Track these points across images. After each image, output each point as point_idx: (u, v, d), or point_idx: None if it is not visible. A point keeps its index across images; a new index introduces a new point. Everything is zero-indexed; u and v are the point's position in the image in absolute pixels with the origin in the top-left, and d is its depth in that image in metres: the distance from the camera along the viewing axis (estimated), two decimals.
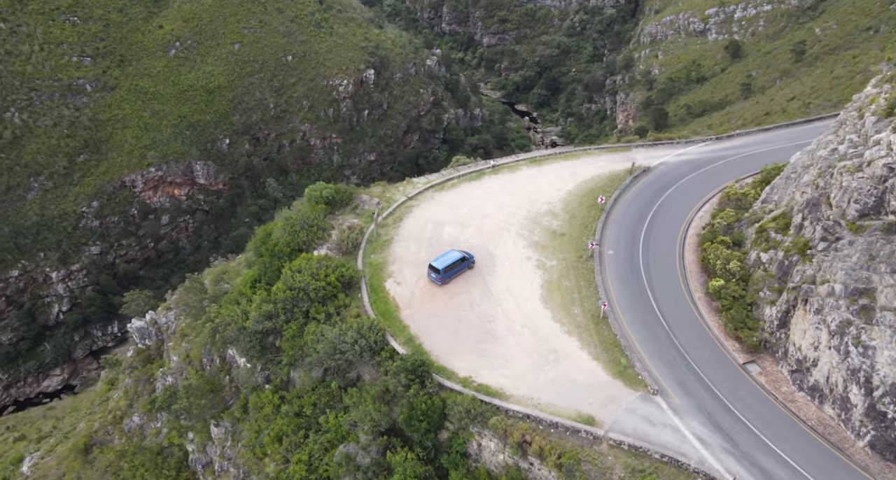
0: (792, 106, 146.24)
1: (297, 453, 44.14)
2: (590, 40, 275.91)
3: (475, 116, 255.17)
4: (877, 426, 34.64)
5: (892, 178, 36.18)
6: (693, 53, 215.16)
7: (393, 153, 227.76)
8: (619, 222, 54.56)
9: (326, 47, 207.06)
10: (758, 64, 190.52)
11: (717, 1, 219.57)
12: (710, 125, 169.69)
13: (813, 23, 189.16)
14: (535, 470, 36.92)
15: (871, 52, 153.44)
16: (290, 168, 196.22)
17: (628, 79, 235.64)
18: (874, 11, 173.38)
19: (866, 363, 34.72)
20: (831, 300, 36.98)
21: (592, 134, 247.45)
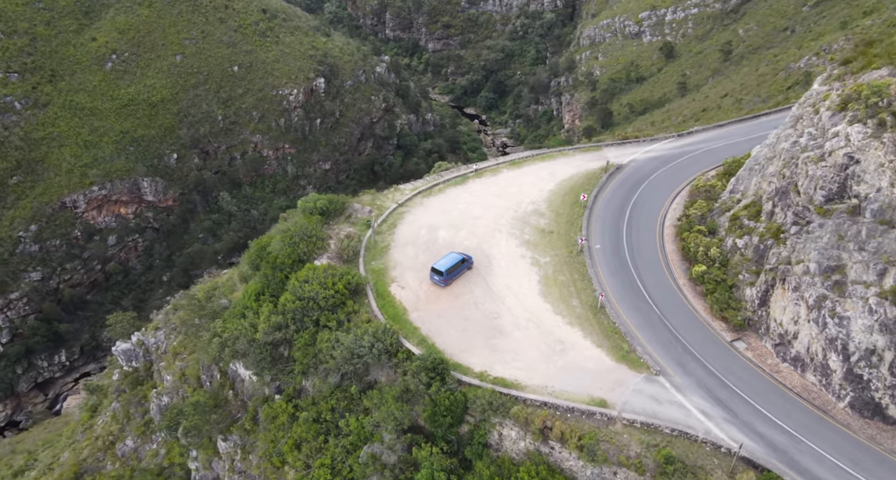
0: (726, 102, 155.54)
1: (319, 458, 45.23)
2: (532, 44, 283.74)
3: (427, 121, 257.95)
4: (854, 387, 38.96)
5: (852, 166, 40.74)
6: (630, 55, 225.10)
7: (348, 161, 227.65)
8: (602, 218, 58.08)
9: (273, 57, 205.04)
10: (690, 63, 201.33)
11: (648, 5, 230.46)
12: (652, 122, 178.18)
13: (736, 24, 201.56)
14: (555, 454, 39.48)
15: (789, 50, 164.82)
16: (242, 180, 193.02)
17: (572, 80, 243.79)
18: (789, 13, 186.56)
19: (842, 332, 39.01)
20: (807, 278, 41.25)
21: (541, 134, 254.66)
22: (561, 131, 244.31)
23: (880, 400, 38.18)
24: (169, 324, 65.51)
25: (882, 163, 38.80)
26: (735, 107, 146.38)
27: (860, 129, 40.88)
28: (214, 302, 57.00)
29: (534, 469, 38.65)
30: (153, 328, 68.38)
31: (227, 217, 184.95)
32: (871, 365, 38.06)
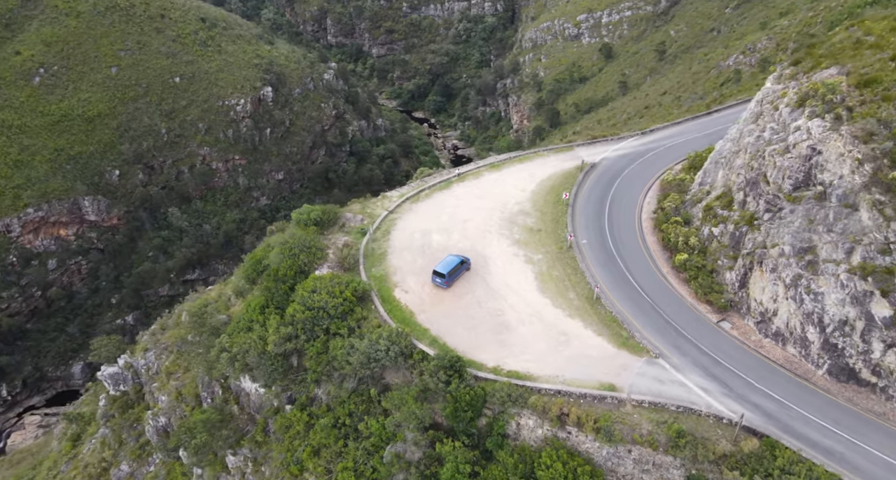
0: (666, 99, 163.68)
1: (341, 462, 46.38)
2: (476, 47, 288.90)
3: (378, 127, 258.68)
4: (831, 356, 43.43)
5: (815, 156, 45.33)
6: (572, 56, 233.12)
7: (301, 170, 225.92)
8: (584, 214, 61.47)
9: (217, 66, 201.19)
10: (629, 63, 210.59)
11: (585, 7, 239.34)
12: (599, 120, 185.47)
13: (667, 26, 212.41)
14: (572, 438, 42.21)
15: (717, 49, 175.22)
16: (192, 195, 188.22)
17: (517, 82, 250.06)
18: (714, 15, 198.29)
19: (818, 306, 43.43)
20: (783, 259, 45.59)
21: (490, 136, 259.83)
22: (510, 131, 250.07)
23: (854, 366, 42.72)
24: (159, 344, 64.75)
25: (842, 153, 43.44)
26: (675, 104, 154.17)
27: (820, 123, 45.54)
28: (211, 318, 56.96)
29: (554, 453, 41.16)
30: (142, 349, 67.34)
31: (177, 233, 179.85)
32: (845, 335, 42.56)
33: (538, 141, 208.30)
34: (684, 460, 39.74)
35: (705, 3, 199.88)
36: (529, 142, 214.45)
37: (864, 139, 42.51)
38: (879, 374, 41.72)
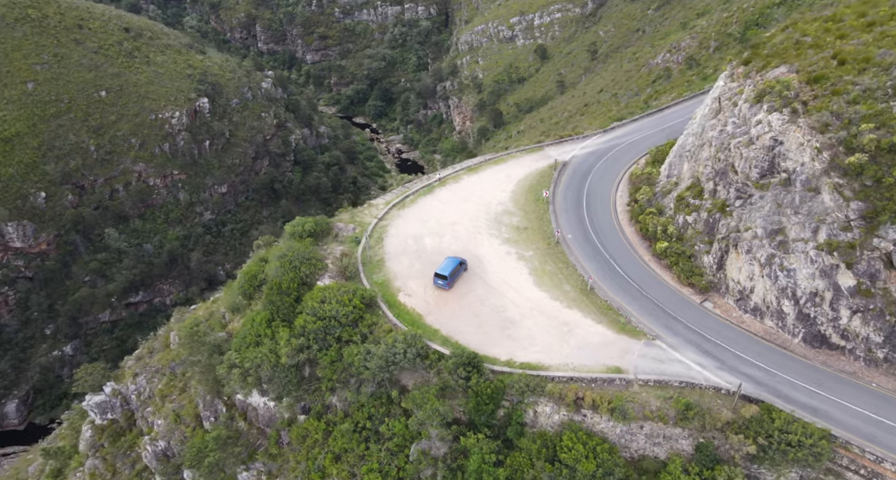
0: (603, 97, 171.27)
1: (365, 464, 47.64)
2: (413, 51, 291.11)
3: (321, 134, 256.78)
4: (805, 325, 48.47)
5: (777, 147, 50.33)
6: (508, 57, 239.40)
7: (245, 182, 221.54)
8: (565, 210, 64.96)
9: (146, 78, 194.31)
10: (564, 63, 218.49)
11: (517, 10, 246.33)
12: (541, 119, 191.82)
13: (596, 27, 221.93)
14: (587, 420, 45.27)
15: (644, 48, 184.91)
16: (129, 214, 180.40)
17: (457, 84, 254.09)
18: (638, 16, 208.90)
19: (791, 281, 48.37)
20: (756, 241, 50.37)
21: (434, 138, 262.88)
22: (453, 133, 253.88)
23: (825, 332, 47.86)
24: (149, 368, 63.50)
25: (802, 143, 48.53)
26: (613, 101, 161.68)
27: (779, 117, 50.60)
28: (209, 336, 56.64)
29: (574, 436, 44.09)
30: (130, 375, 65.70)
31: (116, 255, 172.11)
32: (816, 305, 47.64)
33: (483, 141, 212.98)
34: (692, 430, 43.59)
35: (629, 5, 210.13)
36: (475, 142, 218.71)
37: (820, 129, 47.70)
38: (847, 338, 46.98)
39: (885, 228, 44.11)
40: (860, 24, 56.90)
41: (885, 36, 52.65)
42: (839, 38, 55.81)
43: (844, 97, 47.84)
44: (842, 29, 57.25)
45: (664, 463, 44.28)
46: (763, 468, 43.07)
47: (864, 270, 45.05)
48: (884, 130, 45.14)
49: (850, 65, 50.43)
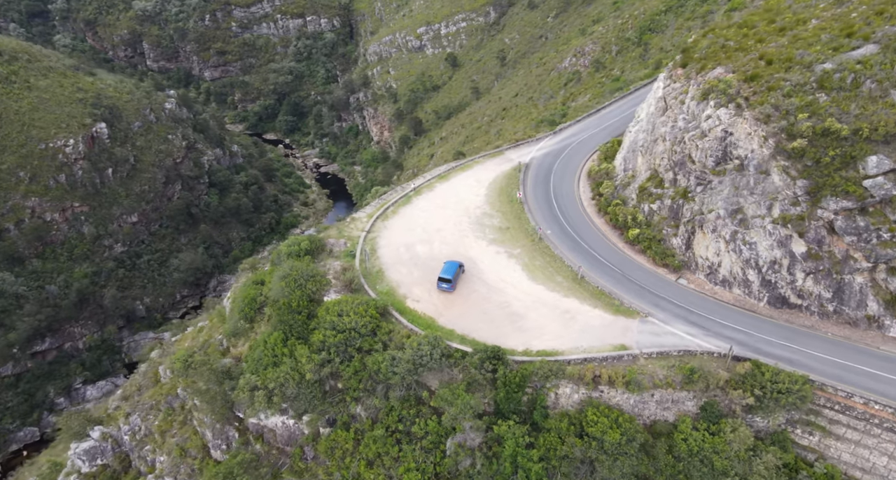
0: (520, 100, 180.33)
1: (401, 465, 49.54)
2: (320, 63, 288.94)
3: (235, 153, 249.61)
4: (768, 289, 55.95)
5: (728, 137, 57.65)
6: (419, 66, 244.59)
7: (157, 209, 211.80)
8: (538, 208, 69.75)
9: (29, 105, 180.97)
10: (475, 70, 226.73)
11: (423, 21, 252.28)
12: (462, 124, 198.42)
13: (500, 34, 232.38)
14: (604, 395, 49.91)
15: (550, 53, 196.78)
16: (25, 254, 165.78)
17: (370, 95, 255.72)
18: (539, 23, 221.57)
19: (753, 253, 55.69)
20: (720, 221, 57.41)
21: (352, 150, 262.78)
22: (371, 144, 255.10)
23: (785, 294, 55.54)
24: (141, 406, 61.20)
25: (749, 133, 56.06)
26: (531, 103, 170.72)
27: (726, 111, 58.00)
28: (216, 364, 55.96)
29: (596, 410, 48.55)
30: (122, 415, 62.85)
31: (14, 300, 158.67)
32: (775, 271, 55.21)
33: (406, 150, 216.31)
34: (696, 392, 49.38)
35: (530, 13, 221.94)
36: (397, 151, 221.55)
37: (763, 120, 55.38)
38: (803, 297, 54.85)
39: (826, 200, 52.13)
40: (772, 29, 65.96)
41: (797, 39, 61.62)
42: (758, 42, 64.49)
43: (779, 92, 55.83)
44: (758, 34, 66.09)
45: (674, 425, 49.77)
46: (757, 416, 49.65)
47: (813, 237, 52.97)
48: (816, 118, 53.30)
49: (776, 64, 58.69)
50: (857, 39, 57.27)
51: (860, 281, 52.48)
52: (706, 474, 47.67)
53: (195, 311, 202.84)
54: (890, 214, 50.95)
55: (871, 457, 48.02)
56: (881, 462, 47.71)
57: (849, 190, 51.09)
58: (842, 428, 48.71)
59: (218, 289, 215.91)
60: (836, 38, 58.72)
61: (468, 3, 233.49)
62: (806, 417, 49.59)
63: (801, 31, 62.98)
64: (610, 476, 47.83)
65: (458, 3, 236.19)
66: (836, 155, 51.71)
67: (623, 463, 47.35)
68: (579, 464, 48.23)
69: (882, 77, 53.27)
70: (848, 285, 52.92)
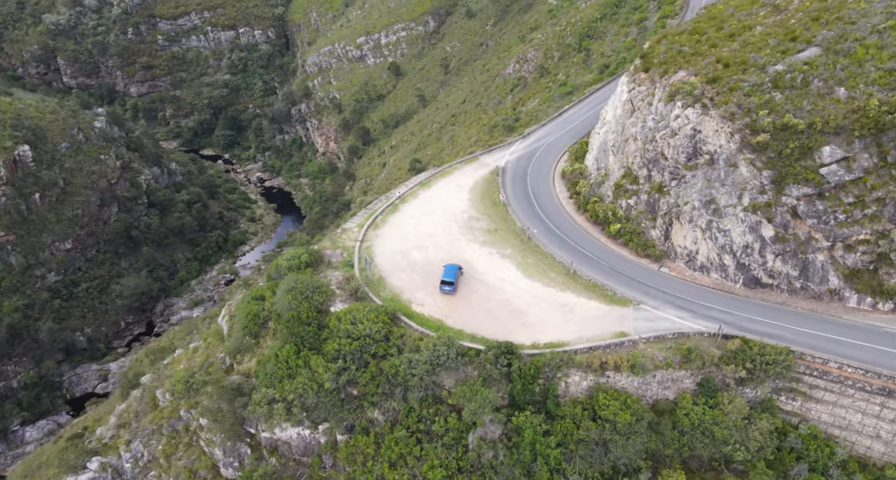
0: (469, 107, 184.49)
1: (424, 463, 51.06)
2: (257, 76, 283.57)
3: (173, 171, 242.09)
4: (743, 272, 61.15)
5: (697, 135, 62.61)
6: (362, 76, 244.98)
7: (93, 234, 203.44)
8: (521, 210, 72.87)
9: None
10: (419, 78, 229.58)
11: (362, 30, 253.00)
12: (411, 132, 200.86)
13: (441, 43, 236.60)
14: (611, 380, 53.27)
15: (492, 60, 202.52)
16: None
17: (312, 106, 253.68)
18: (479, 31, 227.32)
19: (728, 240, 60.77)
20: (696, 212, 62.26)
21: (296, 162, 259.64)
22: (317, 155, 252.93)
23: (757, 275, 60.88)
24: (142, 432, 59.70)
25: (717, 130, 61.20)
26: (480, 109, 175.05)
27: (693, 111, 63.02)
28: (225, 382, 55.57)
29: (606, 395, 51.81)
30: (122, 443, 60.94)
31: None
32: (748, 255, 60.48)
33: (356, 160, 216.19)
34: (693, 370, 53.56)
35: (468, 22, 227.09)
36: (346, 161, 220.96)
37: (729, 118, 60.63)
38: (774, 276, 60.35)
39: (789, 188, 57.74)
40: (723, 35, 71.93)
41: (747, 43, 67.67)
42: (712, 47, 70.25)
43: (740, 92, 61.27)
44: (710, 40, 71.94)
45: (675, 403, 53.73)
46: (747, 388, 54.36)
47: (780, 222, 58.50)
48: (775, 114, 58.92)
49: (733, 67, 64.28)
50: (801, 43, 63.60)
51: (822, 259, 58.35)
52: (708, 444, 51.81)
53: (142, 338, 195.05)
54: (844, 198, 57.04)
55: (847, 415, 53.55)
56: (856, 419, 53.29)
57: (808, 177, 56.82)
58: (820, 392, 54.03)
59: (165, 314, 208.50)
60: (782, 42, 64.96)
61: (406, 12, 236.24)
62: (789, 385, 54.67)
63: (750, 36, 69.15)
64: (623, 455, 51.20)
65: (397, 13, 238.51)
66: (795, 147, 57.36)
67: (635, 441, 50.80)
68: (594, 446, 51.32)
69: (827, 76, 59.56)
70: (811, 263, 58.71)
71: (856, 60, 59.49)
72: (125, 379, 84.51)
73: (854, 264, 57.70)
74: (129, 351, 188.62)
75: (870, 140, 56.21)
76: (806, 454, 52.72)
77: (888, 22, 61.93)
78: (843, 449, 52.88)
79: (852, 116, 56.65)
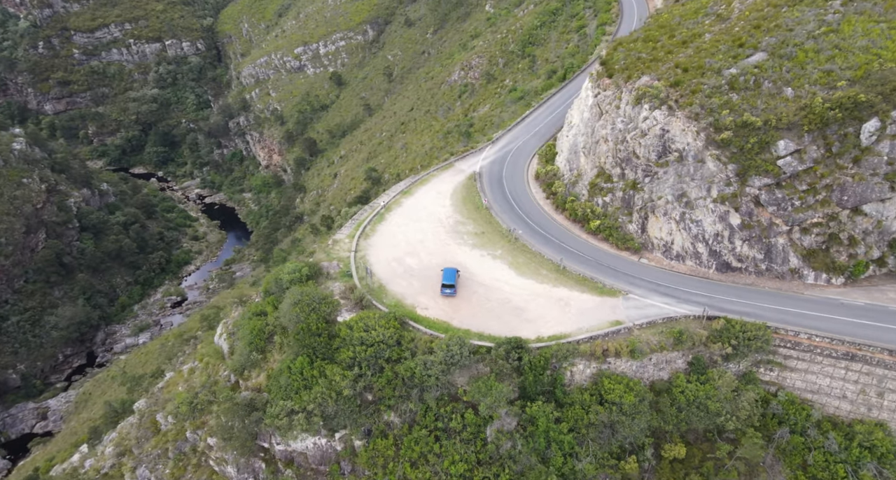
0: (417, 114, 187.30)
1: (445, 459, 52.90)
2: (188, 89, 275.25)
3: (105, 192, 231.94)
4: (715, 258, 66.63)
5: (666, 134, 67.74)
6: (303, 86, 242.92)
7: (20, 263, 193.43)
8: (503, 211, 75.94)
9: None
10: (363, 88, 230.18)
11: (299, 41, 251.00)
12: (360, 141, 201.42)
13: (382, 51, 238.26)
14: (612, 366, 57.01)
15: (436, 68, 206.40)
16: None
17: (252, 118, 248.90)
18: (419, 40, 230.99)
19: (700, 229, 66.10)
20: (669, 205, 67.31)
21: (238, 176, 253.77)
22: (259, 169, 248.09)
23: (728, 260, 66.49)
24: (146, 457, 58.23)
25: (684, 129, 66.48)
26: (430, 116, 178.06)
27: (660, 113, 68.14)
28: (235, 399, 55.33)
29: (609, 380, 55.44)
30: (128, 470, 59.14)
31: None
32: (719, 242, 66.01)
33: (303, 171, 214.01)
34: (684, 351, 58.12)
35: (408, 31, 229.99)
36: (294, 173, 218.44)
37: (694, 118, 66.04)
38: (742, 260, 66.15)
39: (751, 179, 63.58)
40: (676, 42, 77.93)
41: (700, 49, 73.74)
42: (668, 53, 76.02)
43: (702, 94, 66.84)
44: (665, 47, 77.76)
45: (669, 382, 58.06)
46: (731, 363, 59.48)
47: (745, 210, 64.29)
48: (735, 114, 64.71)
49: (692, 71, 69.95)
50: (748, 49, 70.05)
51: (782, 242, 64.55)
52: (703, 417, 56.42)
53: (86, 370, 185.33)
54: (798, 186, 63.43)
55: (817, 380, 59.59)
56: (825, 382, 59.38)
57: (767, 169, 62.82)
58: (794, 361, 59.85)
59: (108, 343, 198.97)
60: (732, 48, 71.30)
61: (344, 22, 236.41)
62: (766, 357, 60.19)
63: (701, 43, 75.34)
64: (630, 434, 54.98)
65: (335, 23, 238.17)
66: (755, 142, 63.25)
67: (639, 420, 54.69)
68: (603, 429, 54.81)
69: (775, 78, 66.01)
70: (774, 246, 64.82)
71: (798, 63, 66.24)
72: (110, 409, 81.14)
73: (810, 245, 64.16)
74: (69, 386, 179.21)
75: (816, 133, 62.74)
76: (787, 418, 58.28)
77: (821, 29, 69.27)
78: (817, 411, 58.80)
79: (800, 113, 63.05)
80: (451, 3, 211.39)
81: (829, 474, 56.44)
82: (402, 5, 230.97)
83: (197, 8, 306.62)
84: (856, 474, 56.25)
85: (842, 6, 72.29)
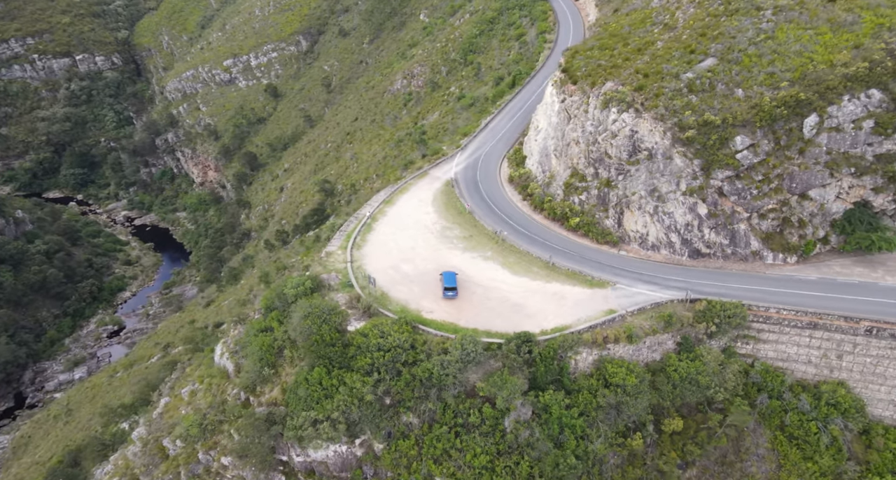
0: (363, 124, 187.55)
1: (468, 453, 54.91)
2: (106, 106, 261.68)
3: (21, 220, 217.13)
4: (687, 246, 72.40)
5: (635, 135, 73.01)
6: (236, 100, 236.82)
7: None
8: (487, 215, 78.84)
9: None
10: (300, 99, 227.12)
11: (228, 53, 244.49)
12: (305, 153, 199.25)
13: (318, 62, 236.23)
14: (611, 351, 61.08)
15: (376, 77, 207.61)
16: None
17: (181, 134, 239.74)
18: (355, 49, 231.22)
19: (672, 221, 71.67)
20: (643, 200, 72.53)
21: (170, 196, 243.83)
22: (193, 186, 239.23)
23: (698, 247, 72.43)
24: None
25: (651, 129, 71.95)
26: (377, 125, 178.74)
27: (628, 115, 73.38)
28: (256, 415, 54.93)
29: (612, 365, 59.36)
30: None
31: None
32: (689, 231, 71.83)
33: (245, 187, 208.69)
34: (673, 332, 63.01)
35: (343, 41, 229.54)
36: (235, 189, 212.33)
37: (660, 119, 71.64)
38: (710, 246, 72.26)
39: (715, 172, 69.72)
40: (631, 50, 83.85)
41: (655, 56, 79.82)
42: (626, 60, 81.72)
43: (665, 97, 72.63)
44: (622, 54, 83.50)
45: (662, 362, 62.74)
46: (713, 340, 64.97)
47: (711, 201, 70.39)
48: (696, 114, 70.79)
49: (652, 77, 75.70)
50: (699, 55, 76.59)
51: (744, 228, 71.11)
52: (695, 391, 61.42)
53: (16, 412, 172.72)
54: (754, 176, 70.18)
55: (787, 349, 66.15)
56: (793, 350, 66.02)
57: (728, 162, 69.14)
58: (766, 334, 66.15)
59: (38, 381, 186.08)
60: (685, 54, 77.70)
61: (275, 33, 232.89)
62: (743, 332, 66.15)
63: (655, 50, 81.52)
64: (633, 413, 59.13)
65: (264, 34, 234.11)
66: (716, 139, 69.45)
67: (642, 400, 58.95)
68: (609, 410, 58.56)
69: (727, 80, 72.70)
70: (737, 232, 71.27)
71: (745, 67, 73.24)
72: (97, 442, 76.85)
73: (767, 229, 71.05)
74: None
75: (767, 129, 69.67)
76: (765, 385, 64.41)
77: (759, 36, 76.74)
78: (789, 376, 65.28)
79: (752, 111, 69.84)
80: (384, 13, 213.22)
81: (804, 431, 62.84)
82: (335, 15, 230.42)
83: (109, 20, 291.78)
84: (826, 428, 62.93)
85: (773, 15, 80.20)
